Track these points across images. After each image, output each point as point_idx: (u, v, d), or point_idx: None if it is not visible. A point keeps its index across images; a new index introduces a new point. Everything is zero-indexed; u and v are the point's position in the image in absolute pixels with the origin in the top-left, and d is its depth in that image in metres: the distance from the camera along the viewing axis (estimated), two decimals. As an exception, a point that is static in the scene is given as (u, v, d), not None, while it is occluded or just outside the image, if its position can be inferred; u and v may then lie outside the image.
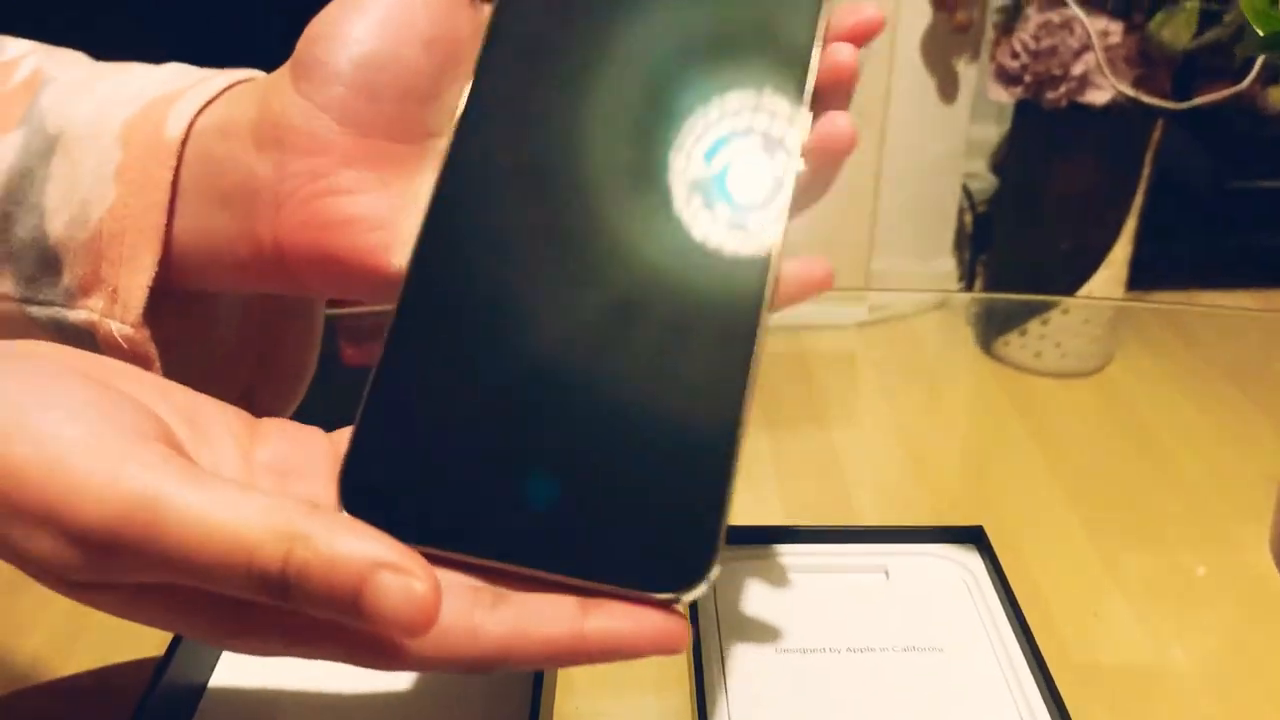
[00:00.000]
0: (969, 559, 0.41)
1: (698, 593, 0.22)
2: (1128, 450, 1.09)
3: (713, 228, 0.25)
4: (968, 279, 1.62)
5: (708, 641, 0.36)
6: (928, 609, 0.38)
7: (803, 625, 0.37)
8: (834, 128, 0.27)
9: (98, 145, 0.29)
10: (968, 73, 1.51)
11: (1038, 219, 1.44)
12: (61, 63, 0.31)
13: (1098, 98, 1.28)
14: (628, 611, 0.21)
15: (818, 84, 0.27)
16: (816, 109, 0.27)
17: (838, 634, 0.37)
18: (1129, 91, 1.27)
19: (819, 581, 0.39)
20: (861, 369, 1.01)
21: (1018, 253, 1.49)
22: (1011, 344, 1.40)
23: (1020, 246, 1.48)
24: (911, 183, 1.47)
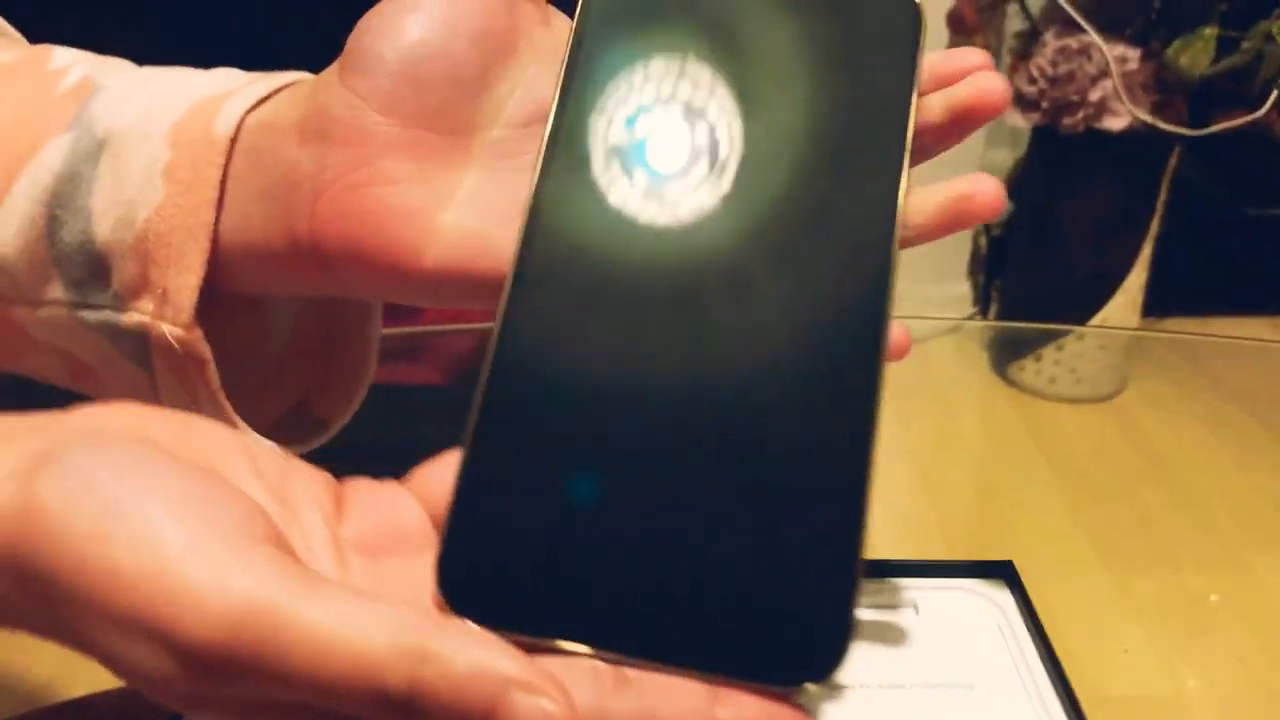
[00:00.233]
0: (998, 594, 0.41)
1: (832, 681, 0.20)
2: (1143, 477, 1.09)
3: (827, 284, 0.24)
4: (983, 303, 1.61)
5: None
6: (958, 645, 0.38)
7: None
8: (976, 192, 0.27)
9: (146, 146, 0.29)
10: (983, 97, 1.51)
11: (1053, 244, 1.44)
12: (110, 69, 0.31)
13: (1115, 124, 1.28)
14: (759, 705, 0.20)
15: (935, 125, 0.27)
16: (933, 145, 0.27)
17: (867, 670, 0.37)
18: (1146, 118, 1.27)
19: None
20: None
21: (1033, 278, 1.49)
22: (1026, 369, 1.40)
23: (1036, 271, 1.48)
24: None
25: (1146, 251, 1.40)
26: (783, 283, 0.24)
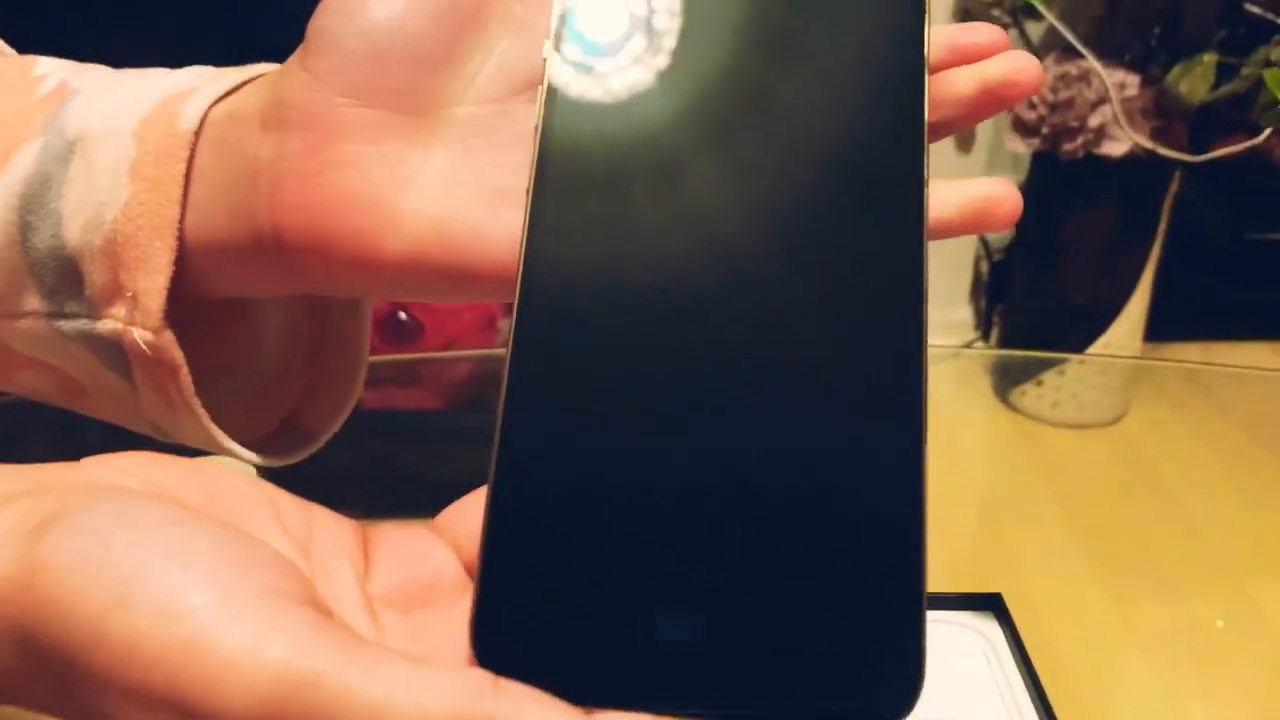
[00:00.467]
0: (987, 627, 0.41)
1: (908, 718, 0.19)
2: (1145, 503, 1.08)
3: (861, 288, 0.22)
4: (984, 328, 1.61)
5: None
6: (945, 678, 0.38)
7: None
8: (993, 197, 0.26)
9: (114, 144, 0.28)
10: (985, 123, 1.52)
11: (1055, 269, 1.44)
12: (88, 74, 0.30)
13: (1115, 149, 1.28)
14: None
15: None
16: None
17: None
18: (1146, 143, 1.27)
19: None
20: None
21: (1035, 302, 1.49)
22: (1028, 394, 1.40)
23: (1037, 296, 1.48)
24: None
25: (1148, 276, 1.40)
26: (816, 289, 0.22)
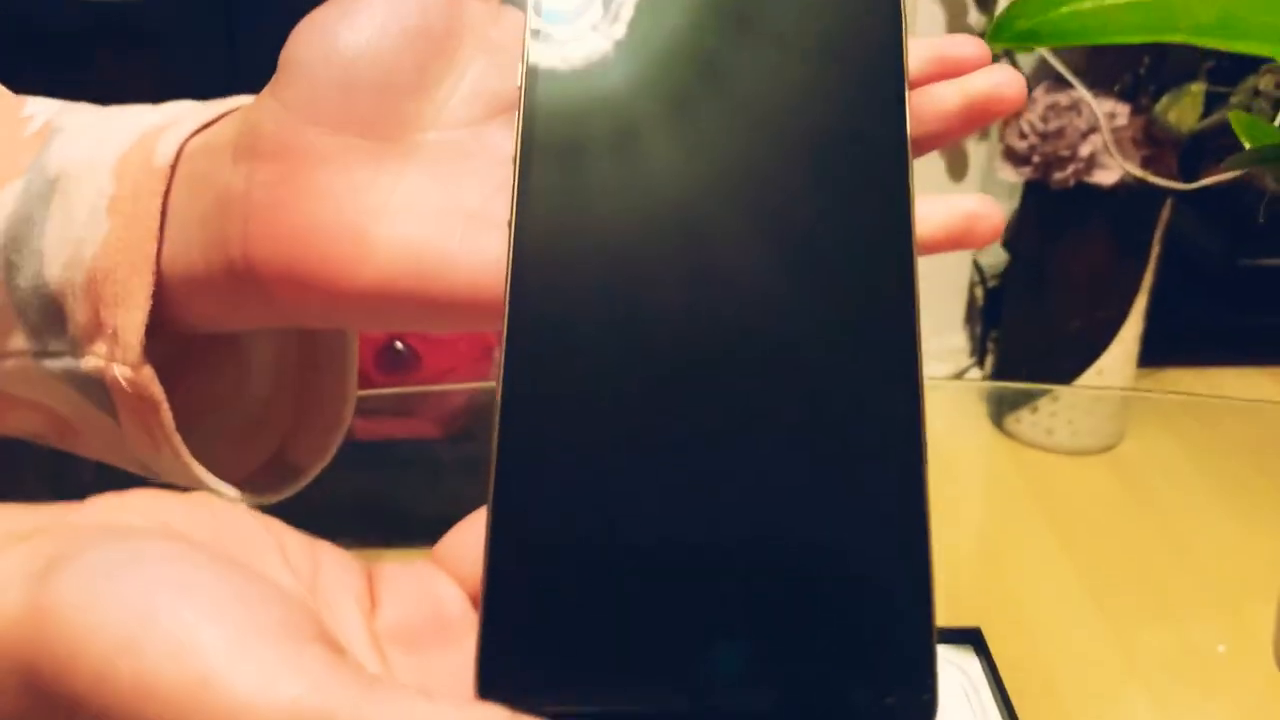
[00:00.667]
0: (966, 662, 0.41)
1: None
2: (1142, 529, 1.08)
3: (851, 299, 0.22)
4: (979, 354, 1.62)
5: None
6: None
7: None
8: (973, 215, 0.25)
9: (93, 181, 0.28)
10: (977, 151, 1.53)
11: (1048, 296, 1.44)
12: (73, 113, 0.30)
13: (1106, 178, 1.29)
14: None
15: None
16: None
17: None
18: (1136, 172, 1.28)
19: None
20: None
21: (1029, 329, 1.50)
22: (1023, 421, 1.40)
23: (1031, 323, 1.49)
24: (921, 259, 1.48)
25: (1141, 303, 1.41)
26: (806, 312, 0.21)
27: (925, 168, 1.61)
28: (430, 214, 0.26)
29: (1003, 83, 0.26)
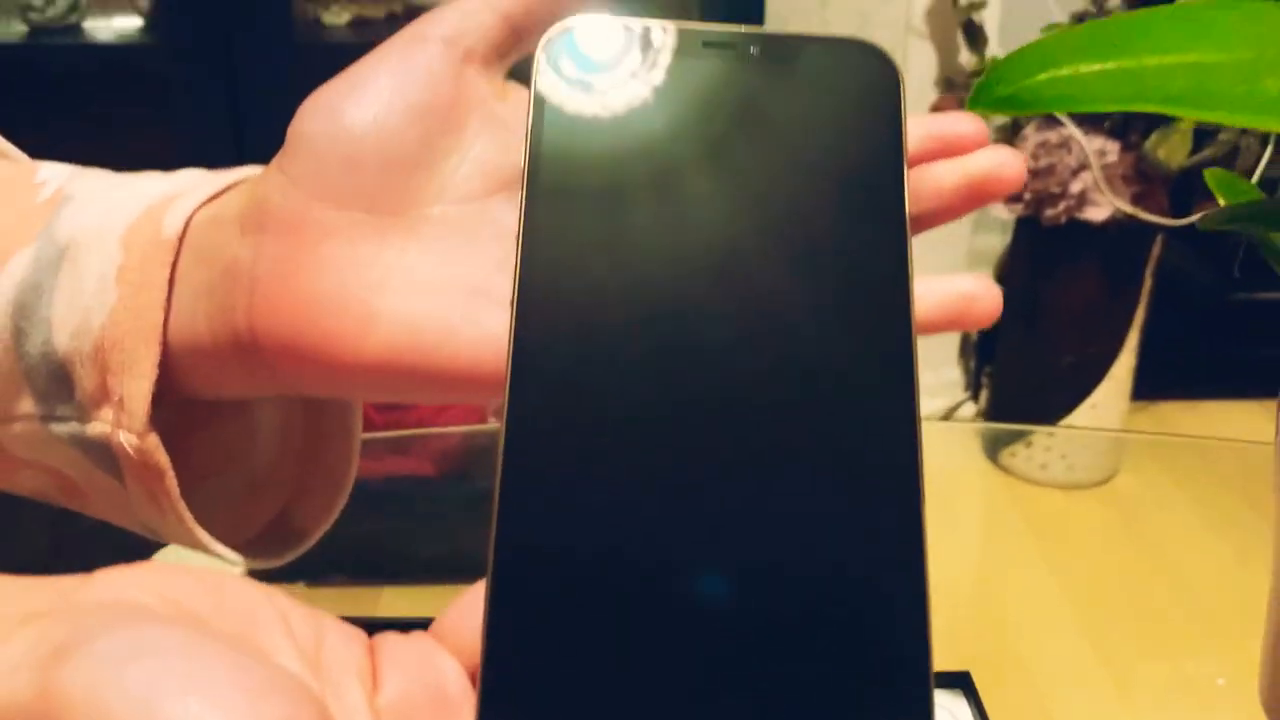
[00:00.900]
0: (955, 705, 0.41)
1: None
2: (1138, 563, 1.08)
3: (850, 379, 0.22)
4: (974, 389, 1.62)
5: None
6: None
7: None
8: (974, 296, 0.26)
9: (101, 251, 0.28)
10: (969, 187, 1.54)
11: (1041, 331, 1.45)
12: (86, 179, 0.31)
13: (1096, 215, 1.31)
14: None
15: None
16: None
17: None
18: (1127, 208, 1.29)
19: None
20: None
21: (1023, 363, 1.50)
22: (1018, 455, 1.40)
23: (1025, 357, 1.49)
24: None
25: (1133, 337, 1.42)
26: (809, 388, 0.22)
27: (918, 204, 1.63)
28: (433, 289, 0.26)
29: (1003, 163, 0.26)
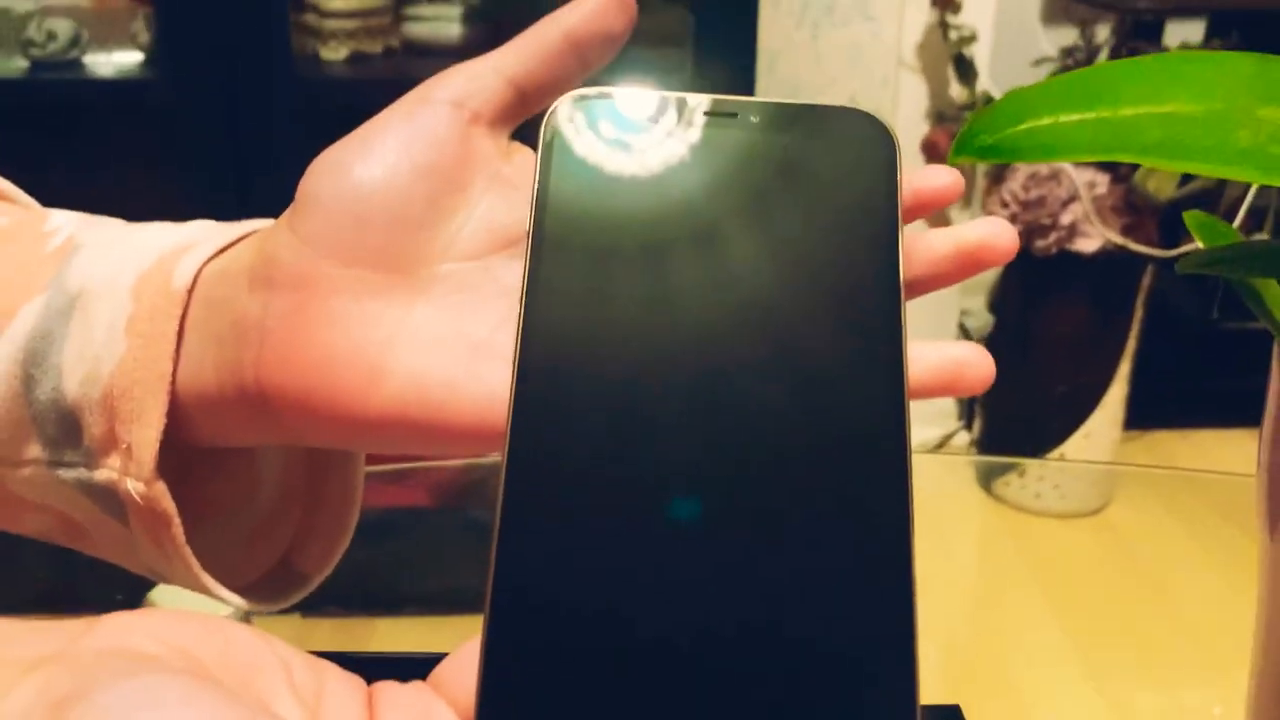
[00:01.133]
0: None
1: None
2: (1132, 592, 1.09)
3: (845, 443, 0.23)
4: (967, 417, 1.63)
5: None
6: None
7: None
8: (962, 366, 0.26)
9: (112, 301, 0.29)
10: (961, 218, 1.56)
11: (1034, 360, 1.46)
12: (97, 228, 0.31)
13: (1087, 246, 1.32)
14: None
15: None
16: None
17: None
18: (1117, 240, 1.30)
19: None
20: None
21: (1016, 392, 1.51)
22: (1011, 484, 1.41)
23: (1018, 386, 1.50)
24: (909, 311, 1.50)
25: (1125, 367, 1.43)
26: (803, 451, 0.22)
27: (914, 234, 1.65)
28: (438, 345, 0.27)
29: (996, 234, 0.26)
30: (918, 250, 0.27)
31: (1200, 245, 0.32)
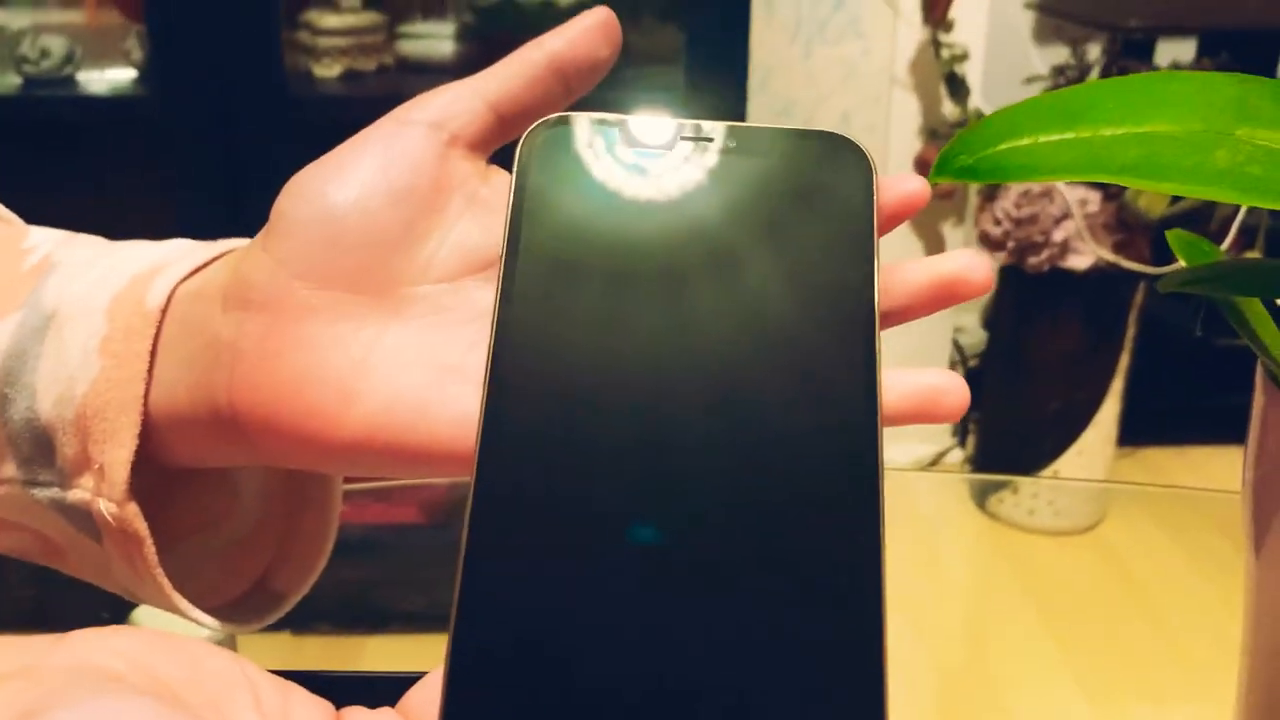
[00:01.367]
0: None
1: None
2: (1125, 609, 1.09)
3: (816, 464, 0.23)
4: (961, 434, 1.63)
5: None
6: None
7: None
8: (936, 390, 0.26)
9: (86, 321, 0.28)
10: (954, 236, 1.56)
11: (1027, 378, 1.46)
12: (74, 246, 0.31)
13: (1079, 263, 1.32)
14: None
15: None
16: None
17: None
18: (1109, 257, 1.31)
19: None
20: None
21: (1010, 409, 1.51)
22: (1005, 501, 1.41)
23: (1011, 404, 1.50)
24: (900, 338, 1.51)
25: (1118, 384, 1.43)
26: (775, 481, 0.22)
27: (903, 253, 1.65)
28: (412, 368, 0.27)
29: (970, 267, 0.26)
30: (894, 282, 0.27)
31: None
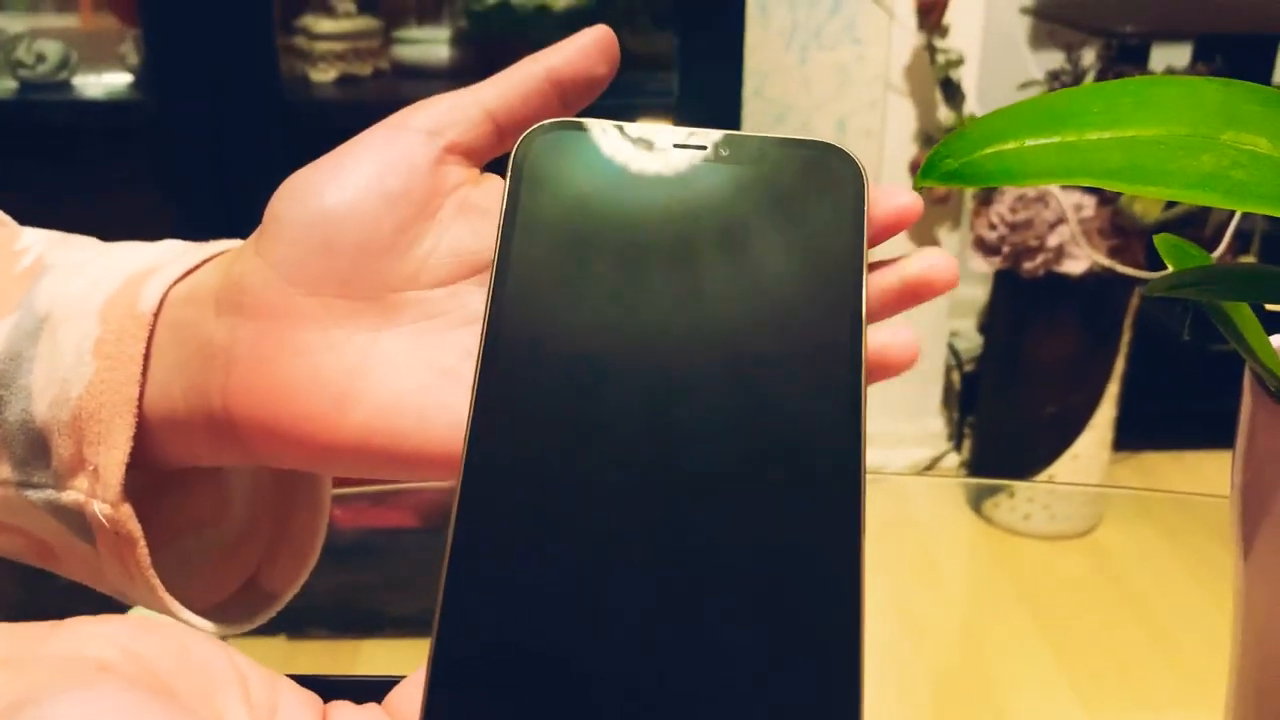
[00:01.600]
0: None
1: None
2: (1120, 614, 1.09)
3: (800, 462, 0.23)
4: (956, 439, 1.63)
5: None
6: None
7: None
8: (897, 342, 0.27)
9: (80, 323, 0.29)
10: (950, 240, 1.56)
11: (1022, 382, 1.46)
12: (67, 248, 0.31)
13: (1074, 268, 1.32)
14: None
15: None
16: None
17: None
18: (1104, 261, 1.31)
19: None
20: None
21: (1004, 414, 1.51)
22: (1001, 506, 1.41)
23: (1007, 408, 1.50)
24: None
25: (1113, 388, 1.43)
26: (755, 475, 0.23)
27: (897, 255, 1.66)
28: (406, 372, 0.27)
29: (935, 266, 0.27)
30: (869, 287, 0.27)
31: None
